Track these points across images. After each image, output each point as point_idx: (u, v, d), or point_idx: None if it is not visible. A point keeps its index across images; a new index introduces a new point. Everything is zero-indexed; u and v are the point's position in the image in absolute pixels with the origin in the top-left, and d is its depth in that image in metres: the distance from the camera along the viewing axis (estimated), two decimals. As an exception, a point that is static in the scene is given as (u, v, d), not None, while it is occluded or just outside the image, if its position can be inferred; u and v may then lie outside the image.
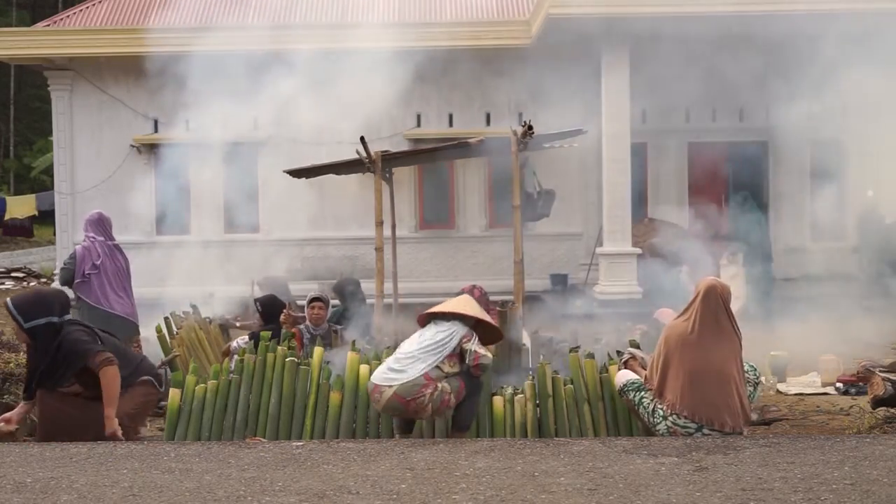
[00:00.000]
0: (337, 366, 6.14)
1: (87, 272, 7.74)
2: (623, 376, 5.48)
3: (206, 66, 12.05)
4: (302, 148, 14.12)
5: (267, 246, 14.94)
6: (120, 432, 5.15)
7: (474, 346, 5.47)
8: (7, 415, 5.47)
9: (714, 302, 5.17)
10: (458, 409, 5.50)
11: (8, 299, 5.41)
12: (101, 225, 7.98)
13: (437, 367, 5.35)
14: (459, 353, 5.47)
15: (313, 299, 7.50)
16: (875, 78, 10.76)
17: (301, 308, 8.76)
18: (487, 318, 5.87)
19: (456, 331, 5.52)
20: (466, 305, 5.78)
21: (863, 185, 14.73)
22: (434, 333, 5.53)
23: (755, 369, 5.43)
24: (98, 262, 7.77)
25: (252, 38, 13.11)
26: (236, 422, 5.82)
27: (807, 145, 14.48)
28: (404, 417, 5.53)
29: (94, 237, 7.92)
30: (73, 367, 5.26)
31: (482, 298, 7.75)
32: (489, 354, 5.55)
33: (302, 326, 7.49)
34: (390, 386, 5.31)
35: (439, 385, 5.31)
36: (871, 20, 11.22)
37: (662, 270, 11.73)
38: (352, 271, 14.06)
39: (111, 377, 5.19)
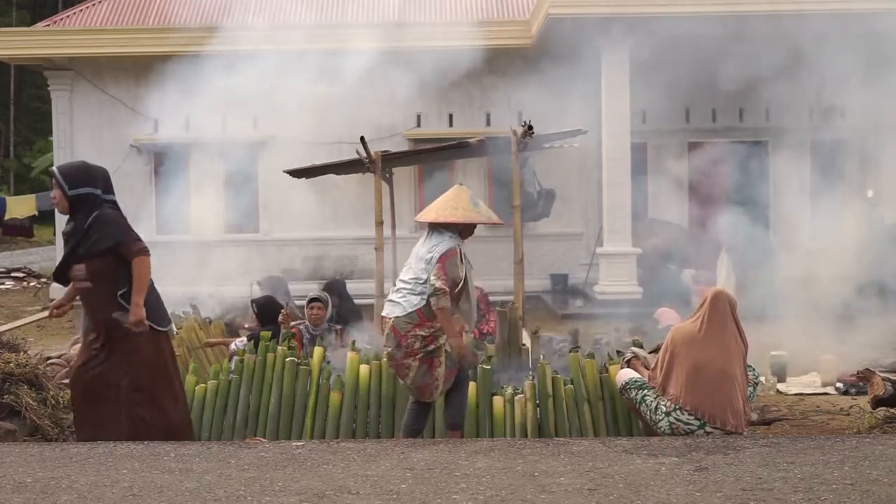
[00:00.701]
0: (338, 368, 6.14)
1: None
2: (624, 375, 5.49)
3: (207, 66, 12.05)
4: (302, 148, 14.12)
5: (267, 246, 14.96)
6: (145, 320, 5.07)
7: (433, 277, 5.25)
8: (56, 301, 5.51)
9: (722, 306, 5.27)
10: (447, 405, 5.47)
11: (55, 167, 5.40)
12: None
13: (429, 302, 5.24)
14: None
15: (312, 300, 7.50)
16: (876, 78, 10.77)
17: (300, 308, 8.76)
18: (475, 217, 5.66)
19: (435, 253, 5.36)
20: (448, 206, 5.62)
21: (863, 185, 14.74)
22: (423, 254, 5.41)
23: (753, 369, 5.46)
24: None
25: (252, 38, 13.11)
26: (236, 422, 5.82)
27: (807, 145, 14.49)
28: (394, 368, 5.44)
29: None
30: (105, 241, 5.12)
31: (483, 298, 7.76)
32: (444, 287, 5.25)
33: (301, 327, 7.50)
34: (390, 318, 5.32)
35: (436, 371, 5.25)
36: (870, 20, 11.21)
37: (664, 270, 11.75)
38: (352, 271, 14.07)
39: (145, 267, 5.13)
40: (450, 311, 5.26)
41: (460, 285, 5.35)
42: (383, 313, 5.42)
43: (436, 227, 5.55)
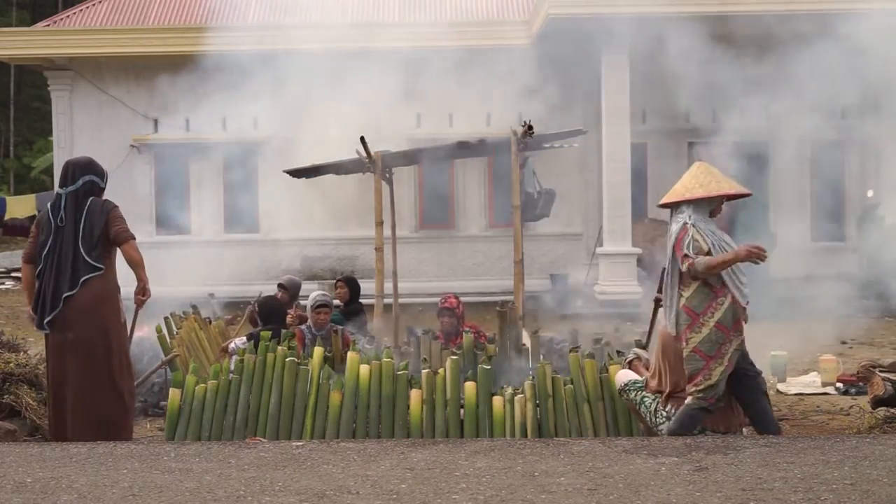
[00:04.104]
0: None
1: None
2: (624, 376, 5.46)
3: (207, 66, 12.06)
4: (302, 148, 14.12)
5: (267, 246, 14.96)
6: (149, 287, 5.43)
7: (684, 245, 4.88)
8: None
9: None
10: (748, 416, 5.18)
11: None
12: None
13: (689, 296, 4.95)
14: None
15: (320, 305, 7.46)
16: (874, 77, 10.77)
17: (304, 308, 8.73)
18: (725, 188, 5.15)
19: (669, 241, 5.01)
20: (693, 180, 5.14)
21: (863, 185, 14.75)
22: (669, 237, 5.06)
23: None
24: None
25: (252, 38, 13.12)
26: (236, 422, 5.82)
27: (807, 145, 14.49)
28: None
29: None
30: (101, 219, 5.36)
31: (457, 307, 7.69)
32: (690, 256, 4.85)
33: (303, 327, 7.50)
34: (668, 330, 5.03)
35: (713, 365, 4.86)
36: (870, 19, 11.21)
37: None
38: (352, 271, 14.07)
39: (134, 248, 5.42)
40: (709, 264, 4.86)
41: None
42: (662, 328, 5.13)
43: (677, 207, 5.19)
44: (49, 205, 5.45)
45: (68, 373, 5.31)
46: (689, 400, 4.94)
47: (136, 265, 5.47)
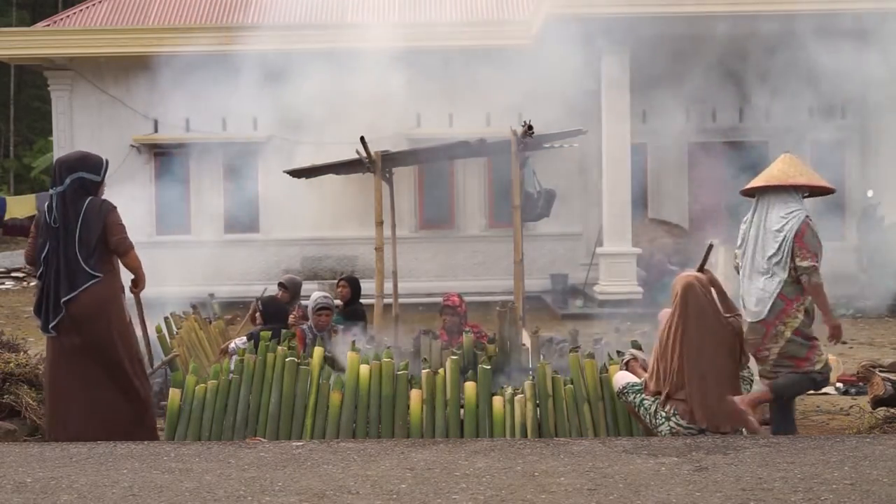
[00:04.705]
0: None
1: None
2: (622, 378, 5.44)
3: (207, 66, 12.05)
4: (302, 148, 14.12)
5: (267, 246, 14.96)
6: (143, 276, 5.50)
7: (798, 258, 4.96)
8: None
9: (693, 298, 5.05)
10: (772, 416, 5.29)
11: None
12: None
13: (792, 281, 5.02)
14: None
15: (321, 307, 7.46)
16: (874, 76, 10.77)
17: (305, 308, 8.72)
18: (817, 180, 5.22)
19: (791, 222, 5.05)
20: (789, 169, 5.15)
21: (863, 185, 14.74)
22: (776, 230, 5.08)
23: (748, 369, 5.41)
24: None
25: (252, 38, 13.11)
26: (236, 422, 5.82)
27: (807, 144, 14.49)
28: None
29: None
30: (98, 224, 5.30)
31: (461, 305, 7.71)
32: (814, 263, 4.95)
33: (305, 326, 7.51)
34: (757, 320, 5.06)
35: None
36: (870, 19, 11.22)
37: (665, 270, 11.72)
38: (352, 271, 14.07)
39: (134, 258, 5.42)
40: (818, 288, 5.03)
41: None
42: (749, 319, 5.20)
43: (777, 194, 5.21)
44: (45, 206, 5.42)
45: (77, 377, 5.28)
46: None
47: (135, 270, 5.50)
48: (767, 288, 5.16)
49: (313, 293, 7.89)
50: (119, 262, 5.44)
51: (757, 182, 5.32)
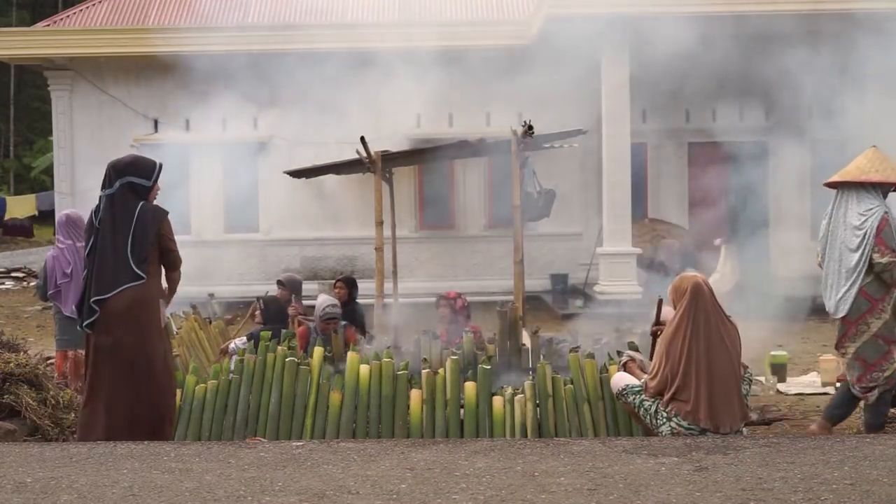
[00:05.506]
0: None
1: (58, 282, 7.00)
2: (620, 380, 5.41)
3: (207, 67, 12.05)
4: (302, 148, 14.13)
5: (267, 246, 14.97)
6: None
7: (876, 254, 4.95)
8: None
9: (702, 299, 5.02)
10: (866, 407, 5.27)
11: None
12: (70, 227, 7.08)
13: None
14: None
15: (330, 318, 7.39)
16: (875, 77, 10.76)
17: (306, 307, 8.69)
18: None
19: (871, 220, 5.03)
20: (866, 165, 5.15)
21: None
22: (856, 226, 5.07)
23: (747, 368, 5.40)
24: (69, 270, 6.97)
25: (253, 39, 13.12)
26: (236, 422, 5.82)
27: (807, 145, 14.49)
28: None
29: (62, 241, 7.07)
30: (152, 228, 5.33)
31: (461, 306, 7.74)
32: (893, 259, 4.93)
33: (310, 324, 7.50)
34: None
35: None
36: (870, 19, 11.20)
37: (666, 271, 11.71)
38: (352, 271, 14.08)
39: (179, 274, 5.52)
40: None
41: None
42: (832, 314, 5.20)
43: (855, 190, 5.19)
44: (94, 207, 5.43)
45: (107, 376, 5.28)
46: (873, 393, 5.14)
47: (175, 284, 5.61)
48: (849, 285, 5.14)
49: (320, 296, 7.84)
50: (161, 268, 5.45)
51: (833, 177, 5.31)
